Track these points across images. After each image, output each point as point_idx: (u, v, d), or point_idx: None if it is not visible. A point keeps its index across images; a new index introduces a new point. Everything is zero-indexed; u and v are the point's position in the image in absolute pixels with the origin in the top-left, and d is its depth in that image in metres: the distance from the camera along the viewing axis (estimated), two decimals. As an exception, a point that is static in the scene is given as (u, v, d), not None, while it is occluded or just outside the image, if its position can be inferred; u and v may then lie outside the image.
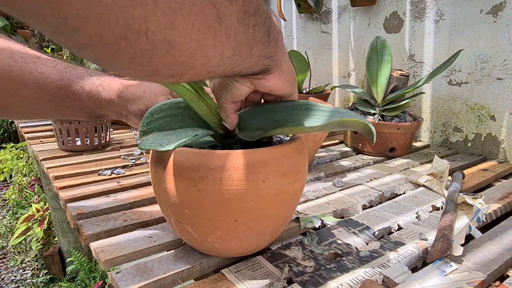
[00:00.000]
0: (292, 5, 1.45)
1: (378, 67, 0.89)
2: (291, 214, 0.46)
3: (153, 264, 0.44)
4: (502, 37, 0.84)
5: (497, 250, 0.47)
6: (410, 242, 0.50)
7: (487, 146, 0.91)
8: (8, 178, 2.56)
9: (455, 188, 0.64)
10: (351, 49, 1.25)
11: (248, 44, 0.28)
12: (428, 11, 0.99)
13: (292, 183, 0.41)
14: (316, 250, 0.49)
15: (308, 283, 0.42)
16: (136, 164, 0.83)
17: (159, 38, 0.21)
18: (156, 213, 0.58)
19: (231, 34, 0.25)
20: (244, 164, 0.37)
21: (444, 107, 0.99)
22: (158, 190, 0.42)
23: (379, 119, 0.88)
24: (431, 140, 1.04)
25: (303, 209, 0.59)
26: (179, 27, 0.21)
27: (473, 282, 0.41)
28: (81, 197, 0.64)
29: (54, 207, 1.49)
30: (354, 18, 1.21)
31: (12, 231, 1.97)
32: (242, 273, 0.43)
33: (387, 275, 0.42)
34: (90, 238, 0.51)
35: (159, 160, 0.41)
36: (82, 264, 1.48)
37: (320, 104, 0.41)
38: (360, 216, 0.59)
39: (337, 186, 0.70)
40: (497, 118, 0.88)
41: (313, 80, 1.37)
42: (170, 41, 0.22)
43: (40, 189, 2.06)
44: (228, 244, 0.42)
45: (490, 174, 0.77)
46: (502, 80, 0.86)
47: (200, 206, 0.39)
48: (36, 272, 1.78)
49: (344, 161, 0.87)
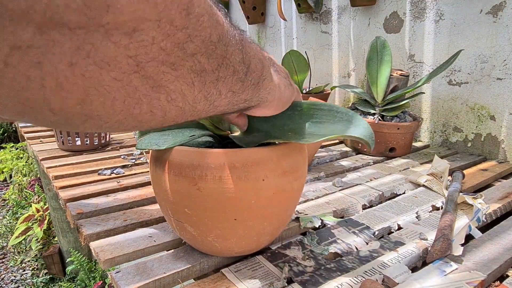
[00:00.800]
0: (292, 5, 1.45)
1: (378, 67, 0.89)
2: (291, 213, 0.46)
3: (153, 264, 0.44)
4: (502, 37, 0.84)
5: (497, 250, 0.47)
6: (410, 242, 0.50)
7: (487, 146, 0.91)
8: (8, 178, 2.56)
9: (455, 188, 0.64)
10: (351, 49, 1.25)
11: (207, 99, 0.25)
12: (428, 11, 0.99)
13: (291, 182, 0.41)
14: (316, 250, 0.49)
15: (308, 282, 0.42)
16: (136, 164, 0.83)
17: (72, 111, 0.19)
18: (156, 212, 0.58)
19: (175, 98, 0.23)
20: (244, 162, 0.37)
21: (444, 107, 0.99)
22: (157, 190, 0.42)
23: (379, 119, 0.88)
24: (431, 140, 1.04)
25: (303, 209, 0.59)
26: (96, 103, 0.19)
27: (473, 282, 0.41)
28: (81, 197, 0.64)
29: (54, 207, 1.49)
30: (354, 18, 1.21)
31: (12, 231, 1.97)
32: (242, 272, 0.43)
33: (387, 275, 0.42)
34: (90, 237, 0.51)
35: (158, 160, 0.41)
36: (82, 264, 1.48)
37: (323, 108, 0.41)
38: (360, 216, 0.59)
39: (337, 186, 0.70)
40: (497, 118, 0.88)
41: (313, 80, 1.37)
42: (85, 114, 0.20)
43: (40, 189, 2.06)
44: (228, 243, 0.42)
45: (490, 174, 0.77)
46: (502, 80, 0.86)
47: (200, 205, 0.39)
48: (36, 272, 1.77)
49: (344, 161, 0.87)
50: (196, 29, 0.21)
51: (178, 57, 0.21)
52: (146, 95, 0.21)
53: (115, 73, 0.19)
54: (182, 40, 0.20)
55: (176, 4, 0.19)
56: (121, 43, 0.18)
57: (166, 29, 0.19)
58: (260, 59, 0.30)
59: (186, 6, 0.20)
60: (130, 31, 0.18)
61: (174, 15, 0.19)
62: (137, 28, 0.18)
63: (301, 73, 1.05)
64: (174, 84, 0.22)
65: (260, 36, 1.71)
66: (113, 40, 0.18)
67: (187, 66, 0.22)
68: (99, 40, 0.17)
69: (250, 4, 1.57)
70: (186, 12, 0.20)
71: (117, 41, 0.18)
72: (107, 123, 0.21)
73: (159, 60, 0.20)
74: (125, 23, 0.17)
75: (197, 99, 0.24)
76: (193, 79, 0.23)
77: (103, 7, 0.16)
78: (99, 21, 0.17)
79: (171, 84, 0.22)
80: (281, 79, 0.36)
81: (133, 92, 0.20)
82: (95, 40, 0.17)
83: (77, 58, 0.17)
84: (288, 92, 0.38)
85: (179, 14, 0.20)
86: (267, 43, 1.67)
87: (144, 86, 0.20)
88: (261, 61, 0.30)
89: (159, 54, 0.20)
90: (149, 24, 0.18)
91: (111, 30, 0.17)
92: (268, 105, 0.35)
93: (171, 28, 0.19)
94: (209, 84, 0.24)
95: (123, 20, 0.17)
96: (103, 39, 0.17)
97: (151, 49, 0.19)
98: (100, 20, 0.17)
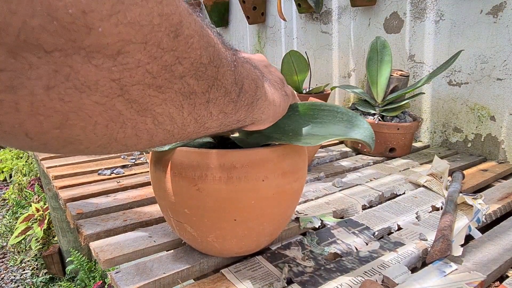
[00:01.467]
0: (292, 5, 1.45)
1: (378, 68, 0.89)
2: (291, 214, 0.46)
3: (153, 264, 0.44)
4: (502, 37, 0.84)
5: (497, 251, 0.47)
6: (409, 242, 0.50)
7: (487, 146, 0.91)
8: (8, 178, 2.56)
9: (455, 188, 0.64)
10: (351, 49, 1.25)
11: (197, 121, 0.25)
12: (428, 12, 0.99)
13: (291, 183, 0.41)
14: (316, 250, 0.49)
15: (307, 283, 0.42)
16: (135, 164, 0.83)
17: (50, 136, 0.18)
18: (156, 213, 0.58)
19: (163, 121, 0.22)
20: (244, 163, 0.37)
21: (444, 108, 0.99)
22: (157, 190, 0.42)
23: (379, 119, 0.88)
24: (431, 140, 1.04)
25: (303, 209, 0.59)
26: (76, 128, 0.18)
27: (472, 282, 0.41)
28: (81, 197, 0.64)
29: (54, 206, 1.49)
30: (354, 18, 1.21)
31: (12, 231, 1.97)
32: (241, 273, 0.43)
33: (386, 275, 0.42)
34: (89, 237, 0.51)
35: (158, 160, 0.41)
36: (82, 264, 1.48)
37: (323, 108, 0.41)
38: (360, 216, 0.59)
39: (337, 186, 0.70)
40: (497, 118, 0.88)
41: (313, 80, 1.37)
42: (65, 139, 0.19)
43: (40, 189, 2.06)
44: (227, 243, 0.42)
45: (490, 174, 0.77)
46: (502, 80, 0.86)
47: (200, 206, 0.39)
48: (35, 271, 1.77)
49: (344, 161, 0.87)
50: (185, 51, 0.20)
51: (165, 80, 0.20)
52: (131, 119, 0.20)
53: (97, 97, 0.18)
54: (170, 63, 0.20)
55: (164, 26, 0.19)
56: (103, 66, 0.17)
57: (153, 51, 0.18)
58: (253, 79, 0.29)
59: (174, 28, 0.19)
60: (113, 54, 0.17)
61: (161, 38, 0.19)
62: (122, 51, 0.17)
63: (301, 73, 1.05)
64: (162, 107, 0.21)
65: (260, 36, 1.71)
66: (94, 63, 0.17)
67: (175, 89, 0.21)
68: (79, 63, 0.16)
69: (250, 4, 1.57)
70: (174, 34, 0.19)
71: (99, 64, 0.17)
72: (88, 148, 0.20)
73: (145, 83, 0.19)
74: (109, 45, 0.17)
75: (186, 121, 0.24)
76: (182, 101, 0.22)
77: (84, 29, 0.16)
78: (79, 43, 0.16)
79: (158, 107, 0.21)
80: (275, 93, 0.35)
81: (117, 116, 0.19)
82: (74, 63, 0.16)
83: (55, 82, 0.16)
84: (284, 104, 0.37)
85: (166, 37, 0.19)
86: (267, 43, 1.67)
87: (128, 110, 0.19)
88: (255, 80, 0.30)
89: (145, 77, 0.19)
90: (134, 46, 0.17)
91: (93, 52, 0.16)
92: (263, 122, 0.34)
93: (158, 50, 0.19)
94: (199, 106, 0.24)
95: (106, 42, 0.16)
96: (83, 62, 0.16)
97: (136, 72, 0.18)
98: (80, 43, 0.16)
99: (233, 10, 1.85)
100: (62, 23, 0.15)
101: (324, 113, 0.42)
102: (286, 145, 0.41)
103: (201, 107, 0.24)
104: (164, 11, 0.18)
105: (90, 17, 0.15)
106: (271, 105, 0.34)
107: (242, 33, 1.83)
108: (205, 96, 0.24)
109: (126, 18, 0.17)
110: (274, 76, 0.37)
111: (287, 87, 0.39)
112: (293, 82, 1.02)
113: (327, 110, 0.42)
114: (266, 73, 0.36)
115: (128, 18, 0.17)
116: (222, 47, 0.25)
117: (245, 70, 0.28)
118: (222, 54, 0.24)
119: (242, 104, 0.28)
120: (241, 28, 1.82)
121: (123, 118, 0.19)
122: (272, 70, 0.39)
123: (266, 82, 0.33)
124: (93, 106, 0.18)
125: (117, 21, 0.16)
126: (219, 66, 0.24)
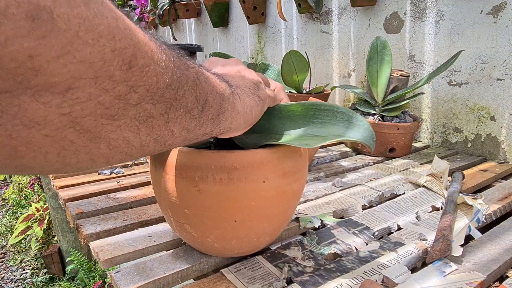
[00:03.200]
0: (292, 5, 1.45)
1: (378, 68, 0.89)
2: (291, 214, 0.46)
3: (153, 264, 0.44)
4: (502, 37, 0.84)
5: (496, 251, 0.47)
6: (409, 242, 0.50)
7: (487, 146, 0.91)
8: (8, 177, 2.56)
9: (455, 188, 0.64)
10: (351, 49, 1.25)
11: (157, 141, 0.25)
12: (428, 12, 0.99)
13: (291, 183, 0.41)
14: (315, 250, 0.49)
15: (307, 283, 0.42)
16: (136, 163, 0.83)
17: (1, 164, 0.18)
18: (156, 212, 0.58)
19: (118, 145, 0.22)
20: (244, 164, 0.37)
21: (444, 108, 0.99)
22: (157, 190, 0.42)
23: (379, 119, 0.88)
24: (431, 140, 1.04)
25: (303, 209, 0.59)
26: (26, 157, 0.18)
27: (472, 282, 0.41)
28: (80, 197, 0.64)
29: (54, 206, 1.49)
30: (354, 19, 1.21)
31: (12, 230, 1.97)
32: (241, 273, 0.43)
33: (386, 275, 0.42)
34: (89, 237, 0.51)
35: (159, 160, 0.41)
36: (82, 263, 1.48)
37: (323, 108, 0.41)
38: (359, 216, 0.59)
39: (337, 186, 0.70)
40: (497, 118, 0.88)
41: (313, 80, 1.37)
42: (16, 166, 0.19)
43: (40, 189, 2.06)
44: (227, 244, 0.42)
45: (490, 174, 0.77)
46: (502, 80, 0.86)
47: (200, 206, 0.39)
48: (35, 271, 1.78)
49: (344, 161, 0.87)
50: (140, 80, 0.20)
51: (119, 109, 0.20)
52: (84, 146, 0.20)
53: (46, 131, 0.18)
54: (123, 92, 0.20)
55: (117, 60, 0.18)
56: (52, 103, 0.17)
57: (104, 84, 0.18)
58: (218, 92, 0.29)
59: (128, 61, 0.19)
60: (62, 91, 0.17)
61: (113, 71, 0.18)
62: (71, 87, 0.17)
63: (301, 73, 1.05)
64: (116, 133, 0.21)
65: (260, 36, 1.71)
66: (42, 101, 0.17)
67: (130, 115, 0.21)
68: (27, 102, 0.16)
69: (251, 4, 1.57)
70: (127, 66, 0.19)
71: (47, 101, 0.17)
72: (43, 172, 0.20)
73: (97, 114, 0.19)
74: (57, 83, 0.17)
75: (145, 142, 0.23)
76: (138, 126, 0.22)
77: (31, 72, 0.16)
78: (26, 84, 0.16)
79: (113, 134, 0.21)
80: (246, 101, 0.35)
81: (68, 145, 0.19)
82: (22, 103, 0.16)
83: (2, 121, 0.16)
84: (257, 109, 0.37)
85: (119, 70, 0.19)
86: (267, 43, 1.67)
87: (80, 139, 0.19)
88: (220, 93, 0.30)
89: (97, 109, 0.19)
90: (84, 81, 0.17)
91: (41, 91, 0.16)
92: (234, 131, 0.35)
93: (110, 83, 0.19)
94: (158, 127, 0.24)
95: (54, 81, 0.16)
96: (31, 101, 0.16)
97: (87, 105, 0.18)
98: (27, 84, 0.16)
99: (233, 10, 1.85)
100: (7, 69, 0.15)
101: (324, 113, 0.42)
102: (287, 145, 0.41)
103: (160, 128, 0.24)
104: (116, 46, 0.18)
105: (37, 61, 0.16)
106: (240, 115, 0.34)
107: (242, 33, 1.83)
108: (164, 118, 0.24)
109: (75, 58, 0.17)
110: (247, 82, 0.37)
111: (261, 90, 0.38)
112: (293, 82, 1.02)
113: (327, 110, 0.42)
114: (238, 80, 0.36)
115: (78, 58, 0.17)
116: (183, 68, 0.25)
117: (209, 85, 0.28)
118: (181, 75, 0.24)
119: (207, 118, 0.28)
120: (241, 28, 1.82)
121: (76, 146, 0.19)
122: (246, 74, 0.38)
123: (235, 92, 0.33)
124: (43, 139, 0.18)
125: (65, 61, 0.16)
126: (178, 88, 0.24)
